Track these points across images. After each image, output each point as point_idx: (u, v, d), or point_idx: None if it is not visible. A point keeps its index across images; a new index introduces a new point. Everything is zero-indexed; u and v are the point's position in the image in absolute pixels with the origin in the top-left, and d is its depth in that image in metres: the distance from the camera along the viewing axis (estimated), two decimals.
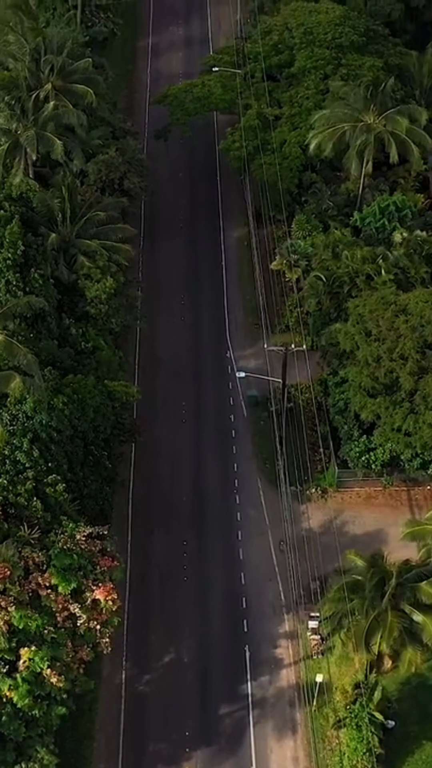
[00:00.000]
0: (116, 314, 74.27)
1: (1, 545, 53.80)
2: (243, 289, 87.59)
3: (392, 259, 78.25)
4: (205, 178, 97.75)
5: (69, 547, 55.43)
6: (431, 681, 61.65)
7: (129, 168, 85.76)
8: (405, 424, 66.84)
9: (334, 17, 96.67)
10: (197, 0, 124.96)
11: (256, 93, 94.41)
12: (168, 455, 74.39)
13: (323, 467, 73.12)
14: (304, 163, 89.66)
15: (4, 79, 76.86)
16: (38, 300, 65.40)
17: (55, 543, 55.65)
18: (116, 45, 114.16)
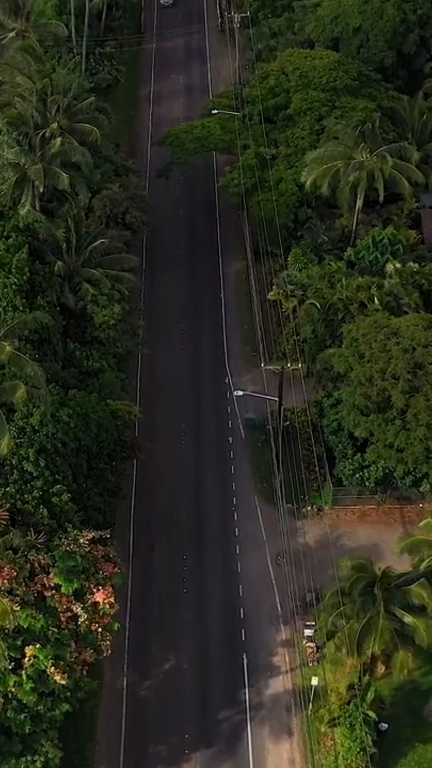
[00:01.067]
0: (122, 338, 77.29)
1: (7, 536, 55.94)
2: (241, 319, 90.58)
3: (386, 288, 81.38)
4: (204, 215, 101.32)
5: (72, 549, 57.72)
6: (423, 686, 63.56)
7: (131, 203, 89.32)
8: (397, 440, 69.38)
9: (329, 62, 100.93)
10: (197, 51, 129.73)
11: (253, 134, 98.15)
12: (168, 474, 76.86)
13: (319, 486, 75.50)
14: (299, 199, 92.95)
15: (13, 116, 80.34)
16: (44, 316, 68.50)
17: (59, 546, 57.97)
18: (119, 92, 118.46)
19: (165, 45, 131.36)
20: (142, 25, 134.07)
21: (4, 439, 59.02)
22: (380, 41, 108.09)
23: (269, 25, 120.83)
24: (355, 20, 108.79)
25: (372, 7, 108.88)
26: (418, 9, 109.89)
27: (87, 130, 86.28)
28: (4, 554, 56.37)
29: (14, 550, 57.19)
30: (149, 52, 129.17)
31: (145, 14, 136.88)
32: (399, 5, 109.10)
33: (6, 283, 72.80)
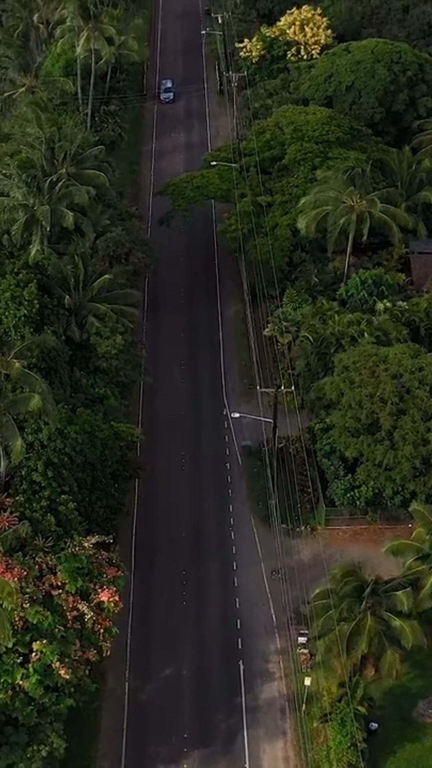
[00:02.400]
0: (125, 367, 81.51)
1: (18, 525, 59.51)
2: (239, 356, 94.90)
3: (375, 324, 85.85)
4: (203, 259, 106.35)
5: (78, 552, 61.28)
6: (412, 690, 66.54)
7: (134, 245, 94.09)
8: (385, 459, 73.21)
9: (321, 117, 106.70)
10: (197, 111, 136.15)
11: (250, 183, 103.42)
12: (168, 496, 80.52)
13: (313, 507, 79.01)
14: (294, 244, 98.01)
15: (23, 160, 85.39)
16: (52, 338, 72.71)
17: (66, 549, 61.53)
18: (123, 148, 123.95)
19: (166, 105, 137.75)
20: (145, 87, 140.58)
21: (17, 443, 62.74)
22: (371, 99, 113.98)
23: (265, 86, 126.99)
24: (347, 79, 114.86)
25: (364, 67, 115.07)
26: (407, 70, 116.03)
27: (93, 176, 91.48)
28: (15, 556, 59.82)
29: (23, 552, 60.66)
30: (151, 111, 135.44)
31: (148, 77, 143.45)
32: (389, 66, 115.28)
33: (16, 314, 77.11)
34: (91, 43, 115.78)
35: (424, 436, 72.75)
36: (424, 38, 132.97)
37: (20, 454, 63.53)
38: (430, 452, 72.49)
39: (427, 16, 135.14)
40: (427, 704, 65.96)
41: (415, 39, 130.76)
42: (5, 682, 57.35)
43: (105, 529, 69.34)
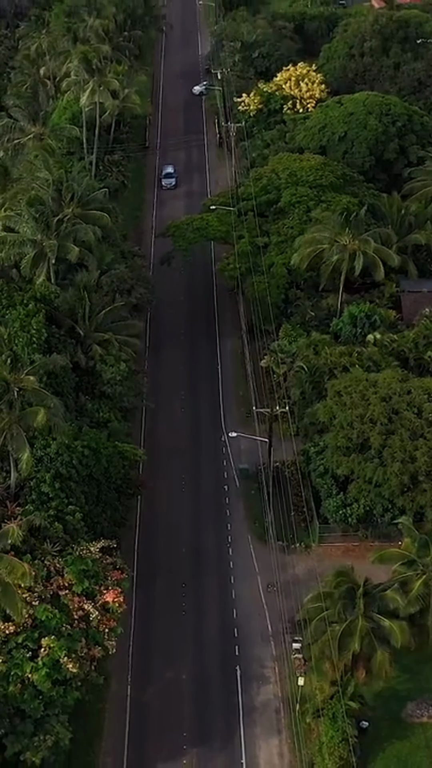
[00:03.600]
0: (128, 394, 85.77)
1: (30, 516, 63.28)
2: (236, 387, 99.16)
3: (366, 354, 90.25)
4: (203, 297, 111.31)
5: (84, 555, 65.02)
6: (401, 693, 69.75)
7: (137, 282, 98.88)
8: (375, 475, 77.14)
9: (315, 164, 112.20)
10: (197, 161, 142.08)
11: (248, 226, 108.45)
12: (168, 516, 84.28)
13: (307, 525, 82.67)
14: (289, 281, 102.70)
15: (32, 197, 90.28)
16: (62, 358, 77.01)
17: (72, 553, 65.27)
18: (126, 195, 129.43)
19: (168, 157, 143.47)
20: (147, 140, 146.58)
21: (25, 454, 66.65)
22: (363, 148, 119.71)
23: (263, 137, 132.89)
24: (340, 130, 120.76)
25: (356, 118, 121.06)
26: (397, 121, 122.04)
27: (98, 217, 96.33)
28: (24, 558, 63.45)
29: (32, 555, 64.32)
30: (153, 163, 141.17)
31: (150, 131, 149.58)
32: (380, 118, 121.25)
33: (26, 342, 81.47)
34: (95, 96, 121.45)
35: (411, 454, 76.76)
36: (414, 93, 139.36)
37: (29, 465, 67.26)
38: (417, 469, 76.43)
39: (417, 72, 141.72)
40: (416, 706, 69.09)
41: (405, 94, 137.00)
42: (15, 675, 60.73)
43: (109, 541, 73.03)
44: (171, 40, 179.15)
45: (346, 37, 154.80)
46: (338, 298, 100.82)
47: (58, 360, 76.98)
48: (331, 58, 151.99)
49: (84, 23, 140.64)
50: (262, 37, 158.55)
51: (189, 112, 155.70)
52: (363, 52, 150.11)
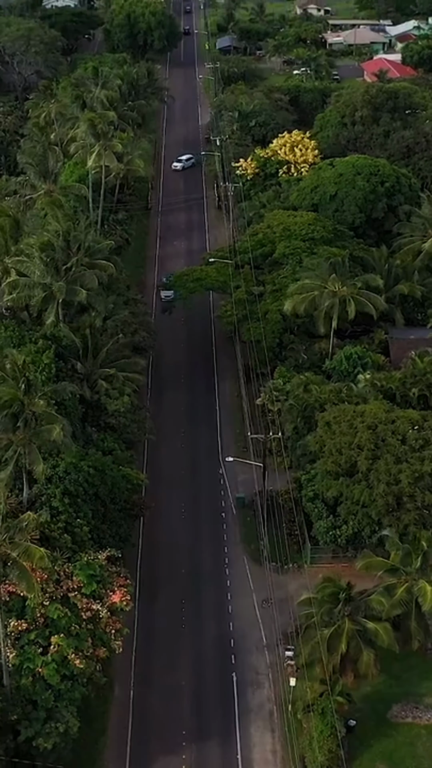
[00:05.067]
0: (131, 426, 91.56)
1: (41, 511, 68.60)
2: (234, 425, 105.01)
3: (355, 391, 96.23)
4: (202, 343, 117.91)
5: (91, 561, 70.29)
6: (386, 696, 74.38)
7: (139, 326, 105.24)
8: (362, 497, 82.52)
9: (308, 219, 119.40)
10: (197, 221, 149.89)
11: (244, 276, 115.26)
12: (169, 540, 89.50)
13: (299, 548, 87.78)
14: (283, 327, 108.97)
15: (44, 242, 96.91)
16: (71, 385, 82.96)
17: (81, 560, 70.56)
18: (129, 253, 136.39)
19: (169, 218, 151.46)
20: (149, 202, 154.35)
21: (40, 466, 72.26)
22: (353, 207, 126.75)
23: (259, 199, 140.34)
24: (331, 189, 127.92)
25: (346, 179, 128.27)
26: (386, 182, 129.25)
27: (103, 266, 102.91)
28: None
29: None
30: (155, 223, 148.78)
31: (152, 194, 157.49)
32: (368, 178, 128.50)
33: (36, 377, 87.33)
34: (101, 159, 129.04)
35: (396, 477, 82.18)
36: (403, 159, 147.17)
37: (43, 476, 72.84)
38: (401, 490, 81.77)
39: (406, 140, 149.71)
40: (401, 707, 73.74)
41: (395, 160, 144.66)
42: (27, 669, 65.63)
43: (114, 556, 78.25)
44: (173, 110, 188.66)
45: (339, 107, 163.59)
46: (330, 343, 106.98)
47: (68, 387, 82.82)
48: (325, 126, 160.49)
49: (90, 93, 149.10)
50: (259, 107, 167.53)
51: (189, 177, 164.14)
52: (354, 120, 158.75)
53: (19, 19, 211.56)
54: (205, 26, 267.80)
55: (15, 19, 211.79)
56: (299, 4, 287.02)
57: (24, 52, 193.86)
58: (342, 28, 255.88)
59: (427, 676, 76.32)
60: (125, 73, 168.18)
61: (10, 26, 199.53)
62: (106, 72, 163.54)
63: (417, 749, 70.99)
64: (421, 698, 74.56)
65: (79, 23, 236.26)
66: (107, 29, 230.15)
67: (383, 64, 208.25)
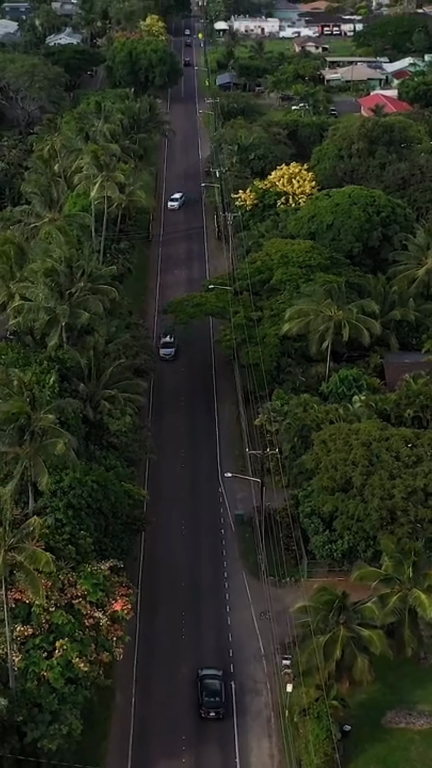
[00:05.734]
0: (132, 445, 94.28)
1: (46, 517, 71.13)
2: (233, 446, 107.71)
3: (351, 411, 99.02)
4: (202, 367, 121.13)
5: (94, 571, 72.76)
6: (380, 703, 76.51)
7: (141, 348, 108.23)
8: (357, 511, 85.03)
9: (305, 247, 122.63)
10: (197, 251, 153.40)
11: (243, 302, 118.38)
12: (169, 555, 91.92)
13: (297, 562, 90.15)
14: (281, 350, 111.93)
15: (48, 268, 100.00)
16: (74, 402, 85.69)
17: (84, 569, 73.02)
18: (131, 281, 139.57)
19: (170, 248, 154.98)
20: (150, 233, 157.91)
21: (45, 477, 74.83)
22: (349, 236, 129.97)
23: (258, 229, 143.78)
24: (328, 219, 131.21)
25: (342, 209, 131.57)
26: (381, 212, 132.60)
27: (106, 291, 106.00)
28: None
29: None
30: (156, 253, 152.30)
31: (153, 225, 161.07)
32: (364, 208, 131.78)
33: (41, 394, 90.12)
34: (104, 190, 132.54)
35: (389, 491, 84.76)
36: (399, 191, 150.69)
37: (48, 487, 75.46)
38: (394, 505, 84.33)
39: (401, 172, 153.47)
40: (395, 714, 75.87)
41: (391, 191, 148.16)
42: (32, 672, 67.93)
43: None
44: (173, 144, 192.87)
45: (336, 140, 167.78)
46: (327, 366, 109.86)
47: (72, 403, 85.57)
48: (322, 159, 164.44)
49: (93, 127, 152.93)
50: (258, 140, 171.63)
51: (190, 208, 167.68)
52: (351, 153, 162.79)
53: (24, 56, 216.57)
54: (205, 63, 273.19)
55: (19, 56, 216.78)
56: (298, 43, 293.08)
57: (28, 87, 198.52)
58: (340, 65, 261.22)
59: (421, 684, 78.53)
60: (127, 108, 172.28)
61: (14, 62, 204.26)
62: (108, 106, 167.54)
63: (410, 753, 73.09)
64: (415, 705, 76.70)
65: (81, 60, 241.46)
66: (109, 66, 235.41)
67: (380, 99, 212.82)
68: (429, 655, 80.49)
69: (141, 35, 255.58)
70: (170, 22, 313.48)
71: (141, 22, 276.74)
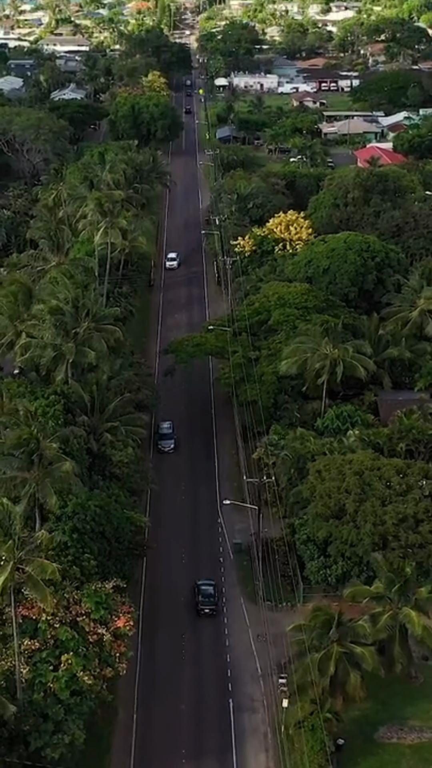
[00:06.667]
0: (134, 476, 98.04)
1: (54, 533, 74.48)
2: (231, 479, 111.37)
3: (346, 444, 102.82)
4: (202, 405, 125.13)
5: (98, 590, 76.19)
6: (373, 719, 79.41)
7: (142, 384, 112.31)
8: (350, 536, 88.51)
9: (301, 289, 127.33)
10: (197, 296, 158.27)
11: (242, 342, 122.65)
12: (169, 581, 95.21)
13: (293, 588, 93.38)
14: (278, 388, 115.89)
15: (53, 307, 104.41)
16: (78, 429, 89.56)
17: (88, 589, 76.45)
18: (133, 324, 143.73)
19: (170, 294, 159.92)
20: (152, 279, 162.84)
21: (53, 499, 78.59)
22: (345, 280, 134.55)
23: (256, 273, 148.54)
24: (324, 263, 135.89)
25: (338, 253, 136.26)
26: (375, 257, 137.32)
27: (110, 331, 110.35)
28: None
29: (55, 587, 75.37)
30: (158, 298, 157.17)
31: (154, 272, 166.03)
32: (359, 253, 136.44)
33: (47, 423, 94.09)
34: (107, 236, 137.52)
35: (381, 517, 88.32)
36: (393, 237, 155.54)
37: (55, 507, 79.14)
38: (386, 530, 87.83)
39: (395, 220, 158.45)
40: (387, 729, 78.80)
41: (385, 238, 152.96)
42: (39, 684, 71.18)
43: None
44: (174, 194, 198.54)
45: (332, 189, 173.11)
46: (322, 403, 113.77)
47: (75, 431, 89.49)
48: (318, 207, 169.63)
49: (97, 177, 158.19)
50: (256, 190, 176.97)
51: (190, 255, 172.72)
52: (347, 202, 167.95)
53: (30, 110, 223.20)
54: (205, 117, 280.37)
55: (25, 109, 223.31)
56: (296, 98, 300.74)
57: (33, 140, 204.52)
58: (337, 119, 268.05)
59: (412, 701, 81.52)
60: (130, 158, 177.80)
61: (20, 116, 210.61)
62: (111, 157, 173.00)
63: (401, 766, 75.93)
64: (406, 721, 79.66)
65: (85, 114, 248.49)
66: (112, 120, 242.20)
67: (375, 151, 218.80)
68: (420, 675, 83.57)
69: (143, 90, 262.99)
70: (171, 79, 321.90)
71: (143, 78, 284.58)
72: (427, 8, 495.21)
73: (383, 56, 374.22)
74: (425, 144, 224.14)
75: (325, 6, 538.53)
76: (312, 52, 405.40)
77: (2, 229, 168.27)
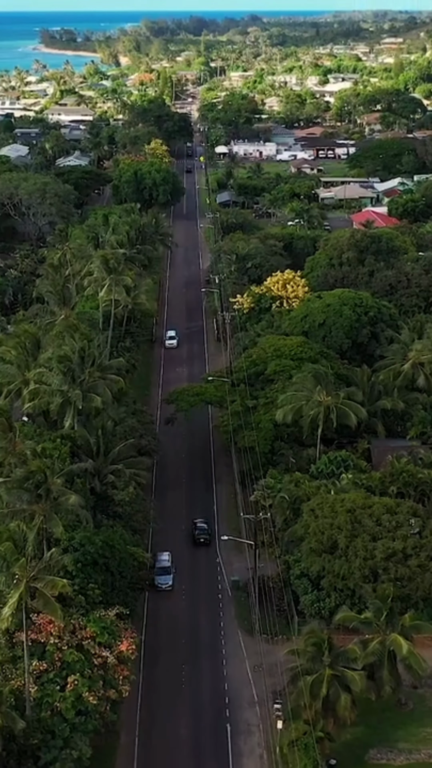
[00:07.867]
0: (136, 515, 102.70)
1: (62, 557, 79.06)
2: (229, 521, 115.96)
3: (339, 486, 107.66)
4: (201, 451, 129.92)
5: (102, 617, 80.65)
6: (364, 741, 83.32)
7: (145, 432, 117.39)
8: (341, 570, 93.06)
9: (297, 342, 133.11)
10: (198, 352, 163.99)
11: (240, 392, 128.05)
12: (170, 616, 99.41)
13: (288, 622, 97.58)
14: (275, 435, 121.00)
15: (61, 356, 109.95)
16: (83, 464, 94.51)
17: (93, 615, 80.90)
18: (135, 378, 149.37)
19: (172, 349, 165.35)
20: (153, 335, 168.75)
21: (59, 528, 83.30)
22: (339, 333, 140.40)
23: (254, 329, 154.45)
24: (319, 318, 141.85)
25: (333, 309, 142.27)
26: (369, 312, 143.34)
27: (114, 380, 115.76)
28: None
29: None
30: (159, 353, 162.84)
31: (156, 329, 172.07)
32: (353, 308, 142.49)
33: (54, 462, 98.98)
34: (111, 293, 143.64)
35: (371, 552, 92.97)
36: (387, 296, 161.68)
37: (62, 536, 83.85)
38: (376, 564, 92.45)
39: (389, 279, 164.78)
40: (377, 751, 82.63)
41: (379, 296, 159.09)
42: (47, 703, 75.39)
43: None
44: (176, 255, 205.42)
45: (327, 249, 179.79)
46: (317, 450, 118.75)
47: (82, 466, 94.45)
48: (314, 267, 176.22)
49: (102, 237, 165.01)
50: (255, 251, 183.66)
51: (191, 313, 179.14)
52: (342, 262, 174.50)
53: (36, 175, 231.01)
54: (206, 183, 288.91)
55: (32, 175, 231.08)
56: (294, 165, 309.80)
57: (39, 203, 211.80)
58: (333, 185, 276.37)
59: (401, 726, 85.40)
60: (133, 221, 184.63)
61: (27, 181, 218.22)
62: (115, 219, 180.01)
63: None
64: (396, 743, 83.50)
65: (89, 180, 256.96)
66: (116, 185, 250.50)
67: (370, 215, 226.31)
68: (409, 702, 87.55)
69: (145, 157, 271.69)
70: (173, 147, 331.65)
71: (145, 146, 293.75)
72: (422, 80, 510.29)
73: (379, 125, 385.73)
74: (419, 208, 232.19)
75: (323, 78, 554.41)
76: (310, 122, 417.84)
77: (9, 288, 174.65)
